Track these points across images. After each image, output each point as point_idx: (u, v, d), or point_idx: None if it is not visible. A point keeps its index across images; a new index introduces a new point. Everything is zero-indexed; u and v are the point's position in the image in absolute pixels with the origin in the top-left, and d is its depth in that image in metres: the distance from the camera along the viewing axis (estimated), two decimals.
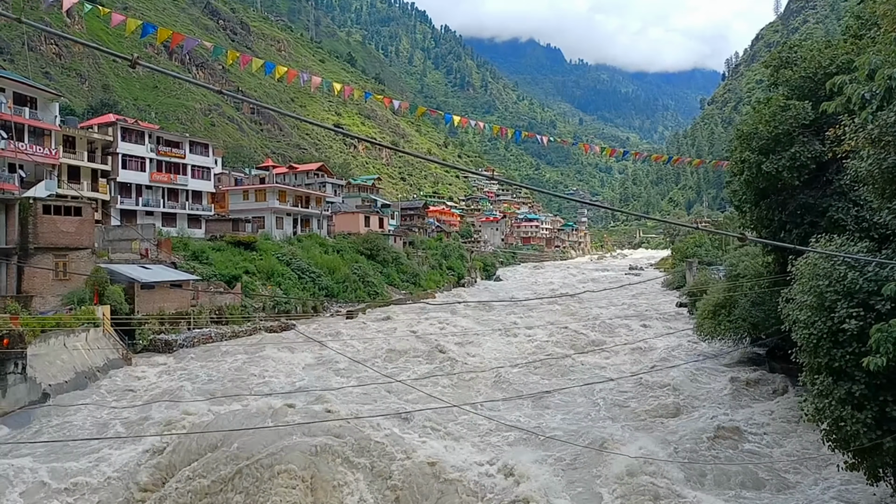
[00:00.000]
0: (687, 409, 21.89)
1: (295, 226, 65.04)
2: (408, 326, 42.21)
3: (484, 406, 22.48)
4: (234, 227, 53.46)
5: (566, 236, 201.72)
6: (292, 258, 51.76)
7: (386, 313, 49.94)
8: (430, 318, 44.99)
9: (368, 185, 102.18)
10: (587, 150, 22.20)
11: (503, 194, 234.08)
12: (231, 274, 43.67)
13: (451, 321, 43.89)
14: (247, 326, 39.65)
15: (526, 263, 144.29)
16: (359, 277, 56.20)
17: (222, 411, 20.87)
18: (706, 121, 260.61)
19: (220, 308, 40.29)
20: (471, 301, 51.43)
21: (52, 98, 43.49)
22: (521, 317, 46.56)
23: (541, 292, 67.55)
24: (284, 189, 64.43)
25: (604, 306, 51.79)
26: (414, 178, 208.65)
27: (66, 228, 32.81)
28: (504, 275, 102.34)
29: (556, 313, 49.12)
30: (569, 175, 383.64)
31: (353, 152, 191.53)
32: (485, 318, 45.76)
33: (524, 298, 54.34)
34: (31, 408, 22.20)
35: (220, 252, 47.03)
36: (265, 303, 44.35)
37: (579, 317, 46.14)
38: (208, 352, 32.97)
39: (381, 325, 43.59)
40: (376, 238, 65.80)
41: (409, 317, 46.73)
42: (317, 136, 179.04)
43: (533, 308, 50.57)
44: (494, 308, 50.35)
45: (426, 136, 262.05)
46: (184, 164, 54.94)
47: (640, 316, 45.90)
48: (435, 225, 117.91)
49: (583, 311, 49.96)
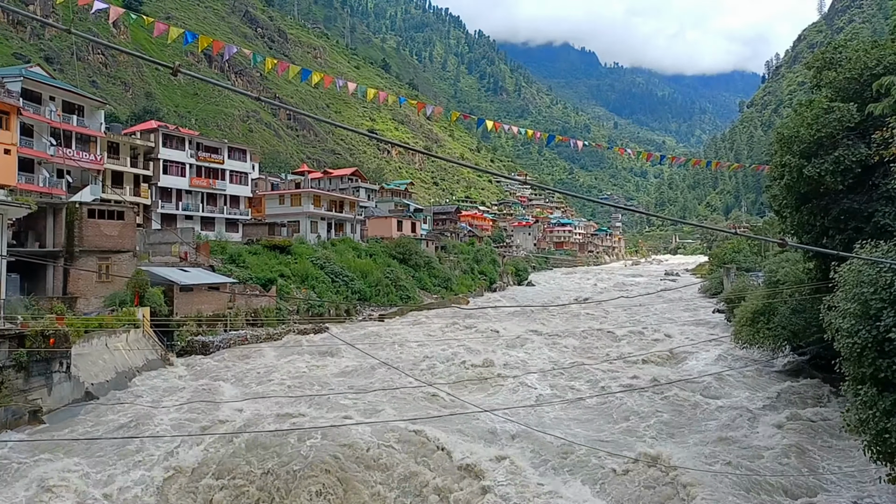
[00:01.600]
0: (727, 418, 21.39)
1: (329, 230, 65.79)
2: (441, 330, 42.23)
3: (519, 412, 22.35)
4: (270, 231, 54.30)
5: (600, 241, 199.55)
6: (326, 262, 52.34)
7: (418, 317, 50.07)
8: (462, 323, 44.94)
9: (401, 190, 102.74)
10: (622, 154, 22.01)
11: (536, 199, 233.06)
12: (266, 277, 44.36)
13: (485, 326, 43.77)
14: (281, 329, 40.22)
15: (559, 268, 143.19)
16: (391, 281, 56.51)
17: (257, 412, 21.20)
18: (745, 124, 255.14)
19: (255, 310, 40.93)
20: (504, 306, 51.23)
21: (98, 106, 44.94)
22: (555, 322, 46.17)
23: (574, 298, 66.86)
24: (319, 194, 65.24)
25: (638, 313, 51.03)
26: (446, 183, 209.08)
27: (109, 232, 33.81)
28: (536, 280, 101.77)
29: (589, 319, 48.61)
30: (603, 179, 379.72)
31: (387, 157, 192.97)
32: (519, 324, 45.51)
33: (558, 304, 53.93)
34: (74, 405, 22.89)
35: (257, 255, 47.81)
36: (299, 306, 44.90)
37: (613, 323, 45.55)
38: (244, 353, 33.51)
39: (413, 328, 43.71)
40: (408, 242, 66.10)
41: (442, 321, 46.74)
42: (351, 142, 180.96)
43: (566, 314, 50.12)
44: (528, 313, 50.03)
45: (459, 141, 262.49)
46: (222, 169, 56.10)
47: (676, 323, 45.09)
48: (467, 229, 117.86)
49: (617, 317, 49.31)
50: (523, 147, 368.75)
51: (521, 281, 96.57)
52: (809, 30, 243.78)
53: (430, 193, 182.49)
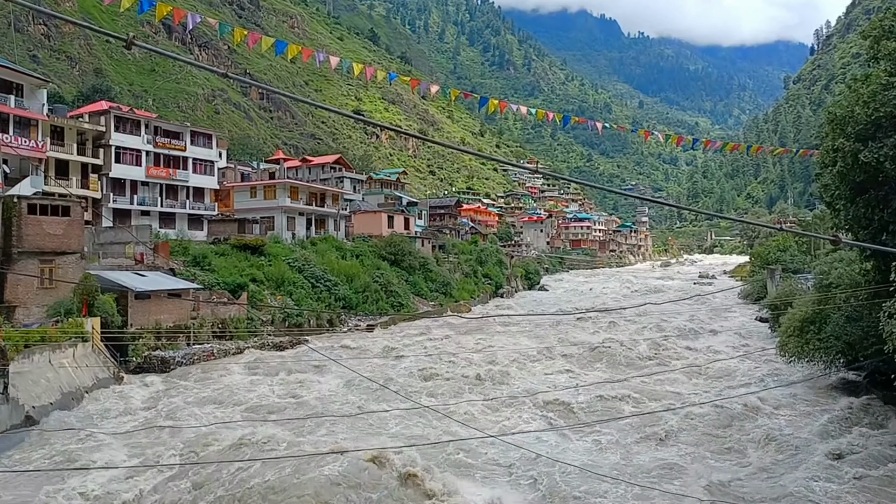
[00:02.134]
0: (777, 442, 21.33)
1: (308, 227, 65.77)
2: (439, 343, 42.20)
3: (527, 436, 22.29)
4: (240, 229, 54.30)
5: (623, 239, 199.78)
6: (305, 264, 52.36)
7: (413, 328, 50.01)
8: (464, 334, 44.88)
9: (392, 181, 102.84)
10: (648, 138, 21.98)
11: (549, 190, 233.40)
12: (236, 282, 44.35)
13: (491, 338, 43.73)
14: (253, 342, 40.18)
15: (575, 271, 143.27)
16: (381, 286, 56.52)
17: (225, 440, 21.13)
18: (791, 102, 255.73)
19: (223, 321, 40.91)
20: (512, 314, 51.24)
21: (40, 84, 44.87)
22: (572, 333, 46.12)
23: (593, 305, 66.84)
24: (297, 185, 65.23)
25: (668, 322, 51.02)
26: (445, 172, 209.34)
27: (52, 230, 33.74)
28: (550, 284, 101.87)
29: (611, 329, 48.58)
30: (626, 167, 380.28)
31: (375, 143, 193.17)
32: (529, 334, 45.46)
33: (575, 312, 53.89)
34: (13, 432, 22.81)
35: (224, 257, 47.76)
36: (274, 315, 44.90)
37: (639, 334, 45.52)
38: (210, 370, 33.47)
39: (407, 341, 43.65)
40: (401, 241, 66.15)
41: (441, 332, 46.72)
42: (334, 125, 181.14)
43: (584, 323, 50.10)
44: (540, 323, 49.99)
45: (459, 124, 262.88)
46: (184, 157, 56.08)
47: (712, 334, 45.09)
48: (469, 226, 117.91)
49: (644, 328, 49.28)
50: (534, 130, 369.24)
51: (533, 285, 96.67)
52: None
53: (425, 184, 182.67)
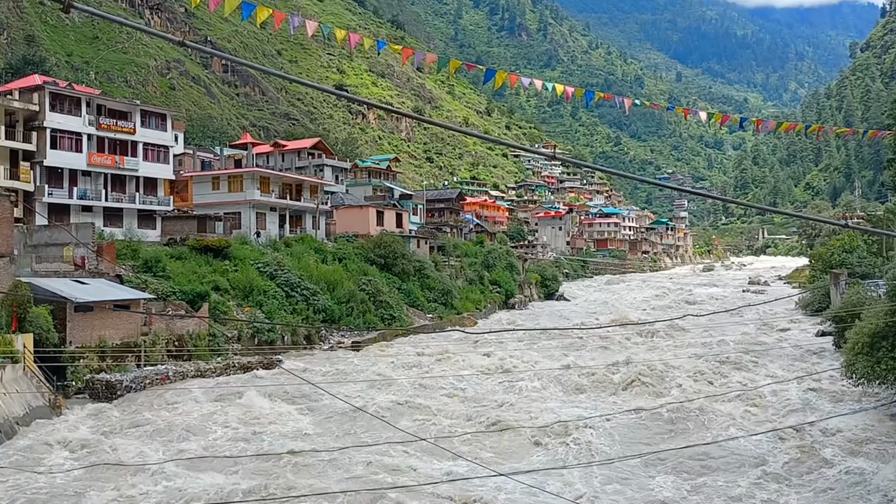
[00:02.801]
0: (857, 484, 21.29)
1: (282, 225, 65.67)
2: (438, 363, 42.20)
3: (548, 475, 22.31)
4: (201, 228, 54.20)
5: (658, 238, 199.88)
6: (278, 269, 52.30)
7: (407, 345, 49.94)
8: (468, 352, 44.85)
9: (382, 169, 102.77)
10: (687, 118, 22.10)
11: (569, 180, 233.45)
12: (195, 291, 44.31)
13: (499, 356, 43.69)
14: (216, 363, 40.12)
15: (601, 276, 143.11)
16: (368, 296, 56.49)
17: (182, 481, 21.14)
18: (858, 74, 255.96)
19: (180, 337, 40.85)
20: (525, 328, 51.22)
21: None
22: (597, 351, 46.10)
23: (622, 318, 66.69)
24: (268, 175, 65.16)
25: (712, 338, 51.00)
26: (445, 159, 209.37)
27: None
28: (571, 292, 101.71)
29: (644, 346, 48.53)
30: (662, 152, 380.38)
31: (362, 124, 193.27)
32: (547, 353, 45.42)
33: (600, 326, 53.83)
34: None
35: (182, 261, 47.67)
36: (241, 330, 44.86)
37: (677, 352, 45.47)
38: (164, 397, 33.45)
39: (400, 360, 43.67)
40: (393, 241, 66.09)
41: (440, 350, 46.68)
42: (312, 103, 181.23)
43: (611, 339, 50.05)
44: (558, 337, 49.96)
45: (462, 101, 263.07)
46: (133, 141, 56.02)
47: (764, 350, 45.06)
48: (474, 223, 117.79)
49: (683, 344, 49.23)
50: (551, 108, 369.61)
51: (550, 294, 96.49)
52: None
53: (421, 173, 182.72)
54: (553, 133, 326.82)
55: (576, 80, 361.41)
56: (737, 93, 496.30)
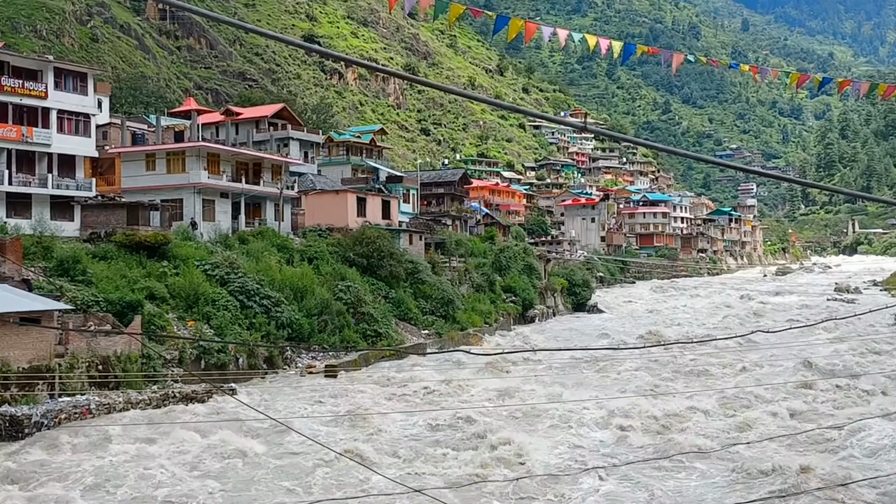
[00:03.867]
0: None
1: (236, 215, 65.57)
2: (436, 392, 42.29)
3: None
4: (132, 219, 54.11)
5: (719, 232, 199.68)
6: (231, 272, 52.27)
7: (396, 369, 49.89)
8: (476, 378, 44.90)
9: (364, 144, 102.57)
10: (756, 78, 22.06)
11: (604, 157, 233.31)
12: (125, 301, 44.15)
13: (517, 385, 43.78)
14: (152, 392, 40.01)
15: (645, 281, 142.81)
16: (347, 306, 56.49)
17: None
18: None
19: (105, 360, 40.66)
20: (545, 349, 51.13)
21: None
22: (637, 375, 46.15)
23: (671, 334, 66.76)
24: (218, 151, 65.04)
25: (784, 361, 51.03)
26: (445, 131, 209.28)
27: None
28: (606, 301, 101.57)
29: (695, 372, 48.56)
30: (724, 122, 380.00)
31: (338, 86, 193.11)
32: (576, 379, 45.46)
33: (642, 345, 53.89)
34: None
35: (107, 262, 47.61)
36: (184, 351, 44.75)
37: (741, 378, 45.52)
38: (86, 436, 33.36)
39: (387, 389, 43.70)
40: (378, 237, 65.96)
41: (440, 376, 46.61)
42: (274, 59, 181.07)
43: (656, 362, 50.05)
44: (589, 359, 50.01)
45: (466, 57, 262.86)
46: (45, 108, 55.95)
47: (853, 376, 45.05)
48: (482, 213, 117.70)
49: (747, 368, 49.26)
50: (581, 66, 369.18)
51: (580, 304, 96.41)
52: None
53: (415, 149, 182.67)
54: (584, 98, 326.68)
55: (613, 30, 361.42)
56: (819, 46, 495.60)
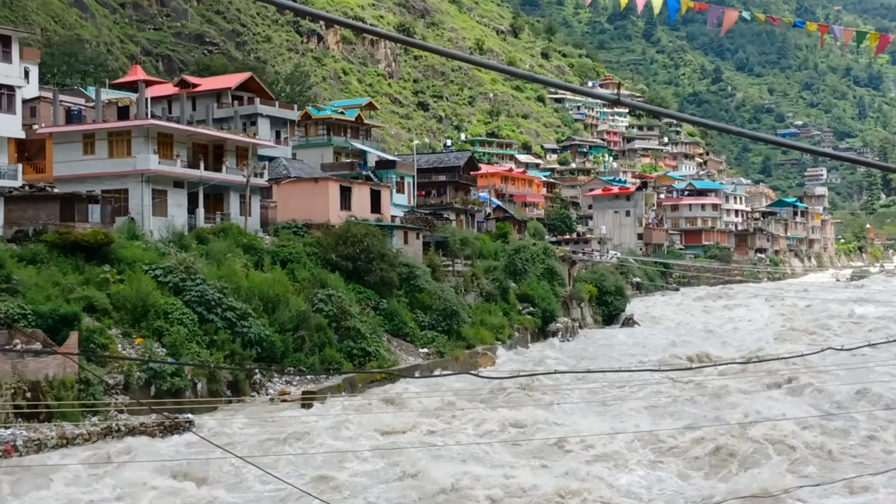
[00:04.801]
0: None
1: (193, 209, 65.87)
2: (439, 424, 42.79)
3: None
4: (66, 214, 54.39)
5: (781, 228, 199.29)
6: (187, 279, 52.56)
7: (386, 396, 50.34)
8: (486, 407, 45.33)
9: (349, 121, 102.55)
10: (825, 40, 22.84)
11: (641, 137, 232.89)
12: (59, 313, 44.41)
13: (534, 415, 44.25)
14: (91, 424, 40.37)
15: (691, 287, 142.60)
16: (329, 319, 56.75)
17: None
18: None
19: (34, 385, 40.94)
20: (567, 371, 51.61)
21: None
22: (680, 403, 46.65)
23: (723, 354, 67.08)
24: (171, 130, 65.30)
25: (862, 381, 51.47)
26: (448, 106, 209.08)
27: None
28: (643, 313, 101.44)
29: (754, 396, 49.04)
30: (787, 94, 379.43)
31: (317, 51, 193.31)
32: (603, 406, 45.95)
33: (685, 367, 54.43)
34: None
35: (37, 266, 48.04)
36: (130, 374, 44.93)
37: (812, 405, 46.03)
38: (10, 480, 33.82)
39: (378, 420, 44.07)
40: (366, 235, 66.05)
41: (441, 403, 47.04)
42: (238, 19, 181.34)
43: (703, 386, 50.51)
44: (621, 385, 50.50)
45: (473, 14, 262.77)
46: None
47: None
48: (493, 205, 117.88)
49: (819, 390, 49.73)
50: (612, 26, 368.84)
51: (612, 315, 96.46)
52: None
53: (411, 127, 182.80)
54: (616, 65, 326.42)
55: None
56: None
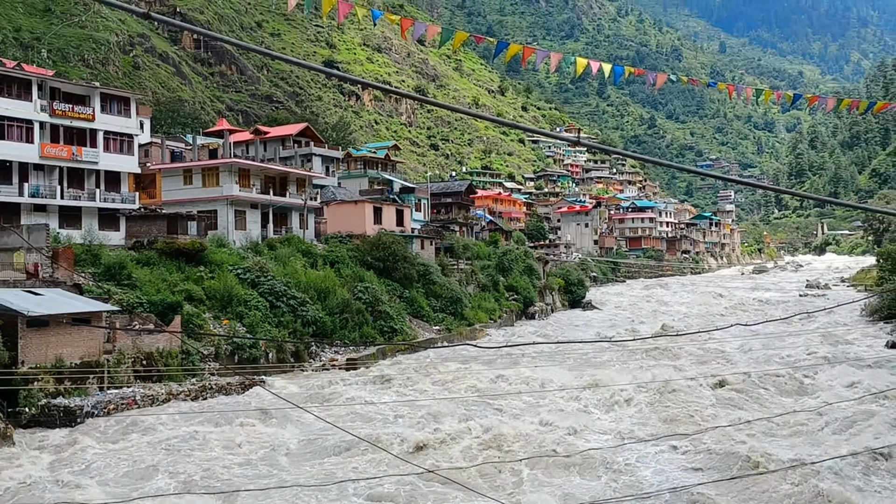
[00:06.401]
0: None
1: (265, 224, 65.76)
2: (449, 383, 42.31)
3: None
4: (171, 228, 54.36)
5: (700, 235, 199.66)
6: (261, 276, 52.49)
7: (410, 362, 49.99)
8: (482, 370, 44.90)
9: (380, 159, 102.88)
10: (733, 95, 22.07)
11: (596, 168, 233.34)
12: (166, 301, 44.42)
13: (519, 375, 43.79)
14: (191, 384, 40.24)
15: (635, 280, 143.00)
16: (365, 305, 56.60)
17: None
18: None
19: (149, 356, 40.91)
20: (544, 342, 51.17)
21: None
22: (628, 368, 46.15)
23: (659, 329, 66.72)
24: (248, 166, 65.29)
25: (761, 352, 50.93)
26: (452, 146, 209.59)
27: None
28: (599, 299, 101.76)
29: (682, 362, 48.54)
30: (704, 136, 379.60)
31: (356, 106, 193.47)
32: (571, 370, 45.49)
33: (630, 338, 53.82)
34: None
35: (150, 268, 47.85)
36: (219, 347, 44.95)
37: (722, 369, 45.45)
38: (132, 424, 33.50)
39: (403, 380, 43.75)
40: (392, 242, 66.15)
41: (451, 367, 46.66)
42: (297, 83, 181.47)
43: (645, 354, 50.01)
44: (586, 353, 49.97)
45: (471, 79, 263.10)
46: (93, 129, 56.16)
47: (823, 366, 44.95)
48: (486, 220, 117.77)
49: (727, 360, 49.22)
50: (575, 87, 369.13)
51: (576, 301, 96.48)
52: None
53: (425, 163, 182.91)
54: (577, 115, 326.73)
55: (602, 53, 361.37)
56: (790, 65, 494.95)
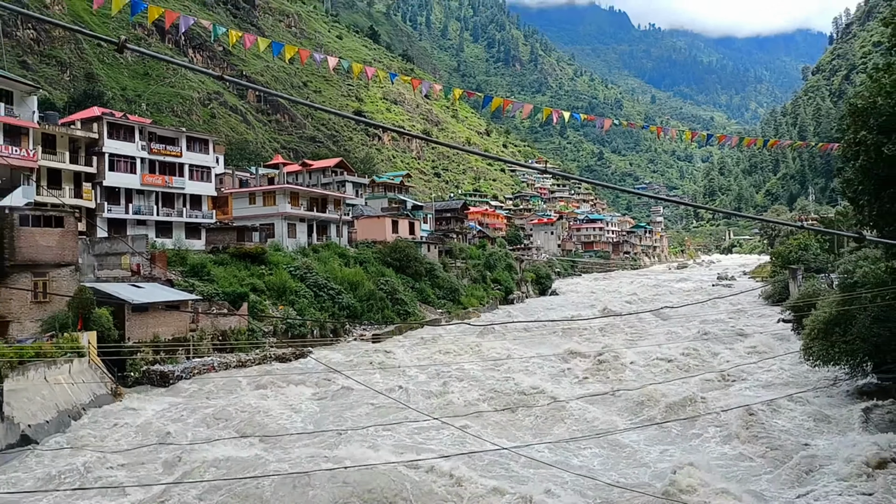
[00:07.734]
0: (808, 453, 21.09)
1: (310, 234, 66.01)
2: (449, 352, 42.40)
3: (539, 448, 22.36)
4: (239, 237, 54.58)
5: (637, 240, 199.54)
6: (307, 272, 52.70)
7: (420, 336, 50.18)
8: (474, 343, 45.02)
9: (396, 184, 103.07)
10: (661, 135, 22.12)
11: (559, 190, 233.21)
12: (236, 292, 44.62)
13: (500, 345, 43.90)
14: (255, 354, 40.46)
15: (589, 274, 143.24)
16: (386, 294, 56.85)
17: (232, 455, 21.26)
18: (810, 94, 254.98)
19: (223, 332, 41.16)
20: (521, 321, 51.29)
21: (30, 90, 45.24)
22: (584, 340, 46.25)
23: (608, 309, 66.87)
24: (297, 190, 65.46)
25: (683, 327, 50.99)
26: (450, 174, 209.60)
27: (45, 242, 33.99)
28: (562, 288, 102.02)
29: (623, 335, 48.59)
30: (640, 165, 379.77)
31: (378, 145, 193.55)
32: (540, 342, 45.57)
33: (586, 318, 53.93)
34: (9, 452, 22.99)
35: (223, 266, 48.12)
36: (276, 326, 45.16)
37: (652, 340, 45.51)
38: (211, 384, 33.66)
39: (414, 350, 43.90)
40: (406, 246, 66.36)
41: (450, 340, 46.80)
42: (334, 127, 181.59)
43: (595, 329, 50.10)
44: (553, 330, 50.04)
45: (464, 123, 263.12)
46: (180, 163, 56.38)
47: (731, 336, 45.01)
48: (476, 229, 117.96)
49: (657, 333, 49.26)
50: (542, 129, 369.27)
51: (544, 290, 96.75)
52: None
53: (430, 187, 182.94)
54: (544, 150, 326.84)
55: (563, 103, 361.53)
56: (704, 112, 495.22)
